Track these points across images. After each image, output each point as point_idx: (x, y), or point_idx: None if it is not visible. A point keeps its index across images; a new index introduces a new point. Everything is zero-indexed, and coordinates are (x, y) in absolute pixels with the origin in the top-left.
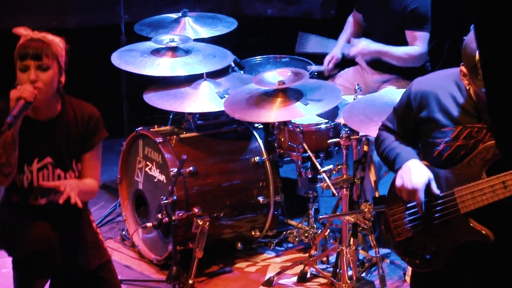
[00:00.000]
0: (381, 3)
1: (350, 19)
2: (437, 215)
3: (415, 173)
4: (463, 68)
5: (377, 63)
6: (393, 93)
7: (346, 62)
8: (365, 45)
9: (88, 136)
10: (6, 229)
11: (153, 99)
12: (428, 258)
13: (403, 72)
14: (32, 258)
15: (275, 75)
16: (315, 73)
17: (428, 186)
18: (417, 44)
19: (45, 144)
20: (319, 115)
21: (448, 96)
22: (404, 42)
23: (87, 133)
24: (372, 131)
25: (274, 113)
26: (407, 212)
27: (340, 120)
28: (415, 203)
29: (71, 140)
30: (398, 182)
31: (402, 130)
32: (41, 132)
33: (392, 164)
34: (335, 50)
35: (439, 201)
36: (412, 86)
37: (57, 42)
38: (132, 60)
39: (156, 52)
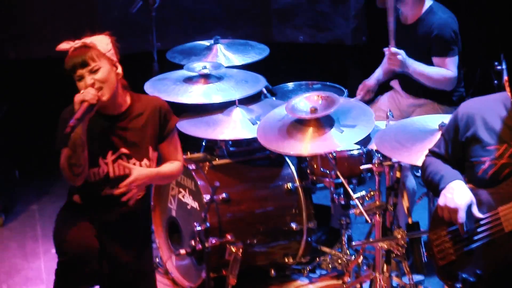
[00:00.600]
0: (408, 30)
1: None
2: (480, 235)
3: (458, 193)
4: (506, 82)
5: (411, 88)
6: (425, 119)
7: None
8: (402, 56)
9: (162, 126)
10: (56, 232)
11: (186, 126)
12: (473, 280)
13: (437, 97)
14: (69, 264)
15: (305, 103)
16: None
17: (469, 209)
18: (448, 69)
19: (118, 136)
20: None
21: (494, 115)
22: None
23: (160, 123)
24: (404, 157)
25: (309, 145)
26: (450, 235)
27: (373, 146)
28: (457, 227)
29: (143, 130)
30: (441, 201)
31: (448, 153)
32: (113, 125)
33: (436, 186)
34: (371, 80)
35: (482, 222)
36: (459, 108)
37: (100, 40)
38: (164, 88)
39: (188, 80)
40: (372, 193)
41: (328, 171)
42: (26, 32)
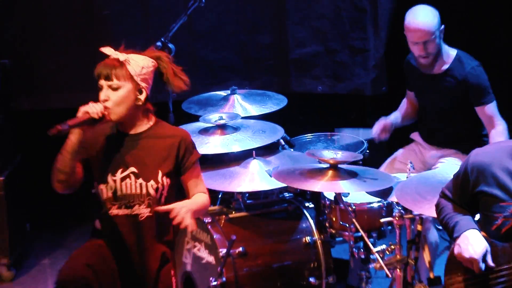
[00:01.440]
0: (433, 79)
1: (404, 100)
2: (498, 286)
3: (472, 243)
4: None
5: (434, 138)
6: (447, 171)
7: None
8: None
9: (182, 157)
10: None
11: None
12: None
13: (462, 146)
14: None
15: (328, 153)
16: (365, 142)
17: (483, 258)
18: (496, 120)
19: (130, 154)
20: (371, 194)
21: (505, 170)
22: (459, 118)
23: (179, 153)
24: (425, 210)
25: (326, 184)
26: (465, 283)
27: (393, 198)
28: (472, 274)
29: (157, 153)
30: (456, 251)
31: (459, 199)
32: (127, 143)
33: (451, 232)
34: (388, 119)
35: (498, 274)
36: (470, 158)
37: (136, 61)
38: None
39: (204, 131)
40: (392, 246)
41: (347, 225)
42: (41, 82)
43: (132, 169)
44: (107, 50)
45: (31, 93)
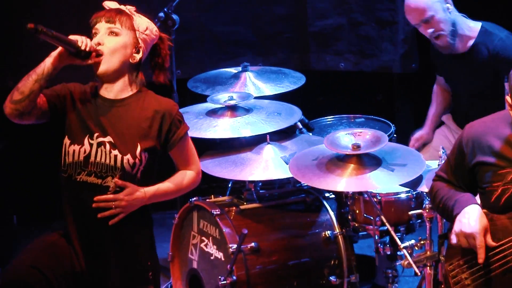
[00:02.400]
0: (460, 59)
1: (435, 89)
2: (496, 264)
3: (473, 217)
4: (508, 98)
5: (466, 122)
6: None
7: None
8: None
9: (168, 132)
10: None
11: (210, 166)
12: None
13: None
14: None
15: (348, 138)
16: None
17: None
18: None
19: (109, 121)
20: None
21: (501, 137)
22: (494, 100)
23: (164, 128)
24: None
25: (347, 182)
26: (466, 265)
27: (423, 188)
28: (473, 255)
29: (138, 125)
30: (456, 227)
31: (456, 178)
32: (107, 109)
33: (450, 212)
34: (426, 129)
35: (497, 250)
36: (464, 132)
37: (142, 19)
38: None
39: (212, 113)
40: (422, 242)
41: (372, 217)
42: (27, 60)
43: (109, 138)
44: (111, 3)
45: (16, 71)
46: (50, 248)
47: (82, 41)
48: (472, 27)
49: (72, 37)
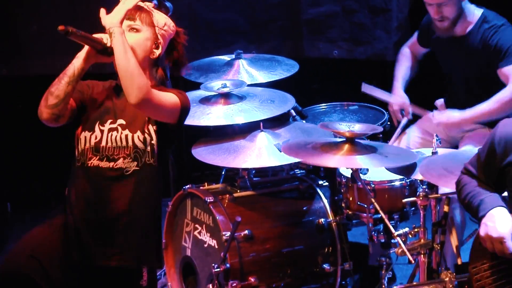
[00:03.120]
0: (456, 43)
1: (407, 51)
2: None
3: (500, 221)
4: None
5: (460, 109)
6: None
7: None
8: (455, 117)
9: None
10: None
11: (203, 153)
12: None
13: (490, 121)
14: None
15: (344, 126)
16: (386, 113)
17: None
18: (509, 83)
19: (121, 107)
20: (393, 171)
21: None
22: (488, 88)
23: None
24: (453, 186)
25: (342, 159)
26: (491, 270)
27: (417, 176)
28: (499, 259)
29: None
30: (482, 231)
31: (484, 176)
32: (123, 96)
33: (475, 212)
34: (399, 98)
35: None
36: (497, 129)
37: (160, 15)
38: None
39: (206, 100)
40: (416, 229)
41: (365, 205)
42: (20, 47)
43: (121, 121)
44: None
45: (10, 59)
46: (48, 238)
47: (107, 38)
48: (474, 13)
49: (96, 35)
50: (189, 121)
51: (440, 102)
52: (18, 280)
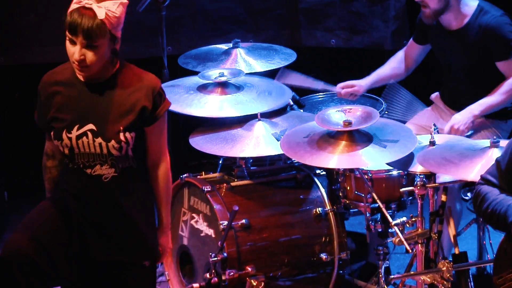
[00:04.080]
0: (453, 35)
1: (399, 54)
2: None
3: None
4: None
5: (456, 103)
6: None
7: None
8: (468, 117)
9: (152, 109)
10: None
11: (200, 142)
12: None
13: (488, 114)
14: (1, 268)
15: (339, 115)
16: (384, 101)
17: None
18: None
19: (89, 108)
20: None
21: None
22: (485, 80)
23: (149, 106)
24: (452, 173)
25: (339, 159)
26: None
27: (415, 168)
28: None
29: (121, 106)
30: None
31: (506, 184)
32: (86, 95)
33: (503, 218)
34: (363, 81)
35: None
36: None
37: (113, 12)
38: (176, 97)
39: (203, 88)
40: (413, 219)
41: (363, 194)
42: (18, 36)
43: (90, 126)
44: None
45: (8, 47)
46: (49, 221)
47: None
48: (469, 5)
49: None
50: (185, 109)
51: (435, 95)
52: (19, 261)
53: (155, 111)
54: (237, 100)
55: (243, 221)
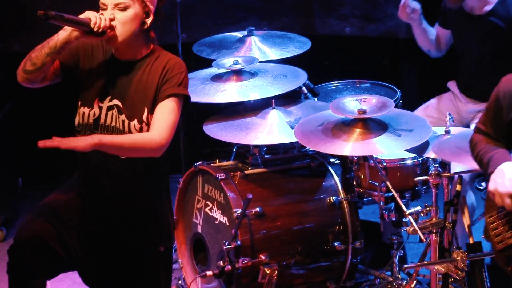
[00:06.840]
0: (474, 22)
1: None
2: None
3: (508, 177)
4: None
5: (472, 91)
6: None
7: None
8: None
9: (161, 84)
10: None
11: (214, 130)
12: None
13: None
14: (13, 252)
15: (354, 104)
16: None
17: None
18: None
19: (119, 85)
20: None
21: None
22: (501, 68)
23: (160, 83)
24: (466, 163)
25: (354, 146)
26: (506, 218)
27: (429, 154)
28: None
29: (146, 90)
30: (491, 186)
31: (493, 131)
32: (119, 72)
33: (485, 168)
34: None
35: None
36: (501, 84)
37: None
38: (192, 89)
39: (218, 77)
40: (428, 208)
41: (377, 183)
42: (32, 21)
43: (116, 101)
44: None
45: (22, 34)
46: (64, 207)
47: (95, 22)
48: None
49: (84, 15)
50: (204, 99)
51: (451, 82)
52: (33, 245)
53: (162, 89)
54: (254, 84)
55: (257, 209)
